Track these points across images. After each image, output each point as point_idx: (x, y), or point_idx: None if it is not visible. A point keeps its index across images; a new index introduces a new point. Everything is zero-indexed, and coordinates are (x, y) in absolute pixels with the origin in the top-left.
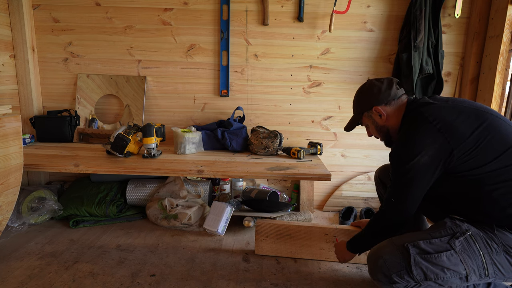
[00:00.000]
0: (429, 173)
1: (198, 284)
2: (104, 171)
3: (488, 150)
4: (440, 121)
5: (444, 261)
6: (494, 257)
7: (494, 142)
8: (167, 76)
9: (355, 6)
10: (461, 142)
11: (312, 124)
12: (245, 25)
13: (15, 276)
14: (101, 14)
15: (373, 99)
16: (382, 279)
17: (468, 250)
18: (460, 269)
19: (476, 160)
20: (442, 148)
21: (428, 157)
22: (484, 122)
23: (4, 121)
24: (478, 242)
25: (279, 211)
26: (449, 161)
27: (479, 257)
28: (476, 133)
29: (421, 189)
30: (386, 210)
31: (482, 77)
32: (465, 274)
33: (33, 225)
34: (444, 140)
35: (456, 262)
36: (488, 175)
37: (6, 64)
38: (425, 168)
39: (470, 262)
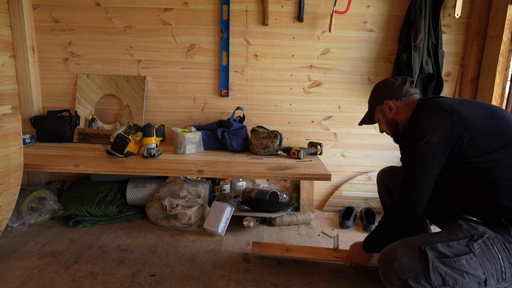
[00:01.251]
0: (439, 155)
1: (198, 284)
2: (104, 171)
3: (496, 138)
4: (451, 107)
5: (464, 265)
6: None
7: (503, 131)
8: (167, 76)
9: (355, 6)
10: (470, 126)
11: (312, 124)
12: (245, 25)
13: (15, 276)
14: (101, 14)
15: (385, 93)
16: (396, 283)
17: (487, 254)
18: (479, 273)
19: (484, 146)
20: (452, 130)
21: (437, 138)
22: (493, 112)
23: (4, 121)
24: (496, 245)
25: (279, 211)
26: (459, 144)
27: (498, 260)
28: (485, 120)
29: (431, 171)
30: (398, 199)
31: (482, 77)
32: (484, 279)
33: (33, 225)
34: (454, 123)
35: (476, 266)
36: (496, 164)
37: (6, 64)
38: (435, 149)
39: (490, 266)
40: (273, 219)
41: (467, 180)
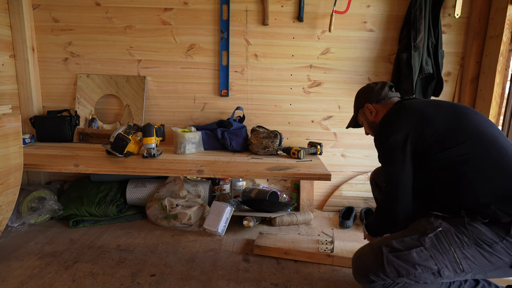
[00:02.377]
0: (406, 150)
1: (198, 284)
2: (104, 171)
3: (455, 135)
4: (415, 107)
5: (415, 257)
6: (465, 251)
7: (462, 129)
8: (167, 76)
9: (355, 6)
10: (431, 123)
11: (312, 124)
12: (245, 25)
13: (15, 276)
14: (101, 14)
15: (366, 97)
16: (362, 279)
17: (438, 246)
18: (431, 265)
19: (445, 143)
20: (414, 127)
21: (402, 135)
22: (457, 111)
23: (4, 121)
24: (448, 238)
25: (279, 211)
26: (421, 141)
27: (450, 252)
28: (446, 119)
29: (404, 167)
30: (383, 199)
31: (482, 77)
32: (436, 269)
33: (33, 225)
34: (416, 121)
35: (426, 258)
36: (456, 160)
37: (6, 64)
38: (402, 145)
39: (441, 257)
40: (273, 219)
41: (432, 176)
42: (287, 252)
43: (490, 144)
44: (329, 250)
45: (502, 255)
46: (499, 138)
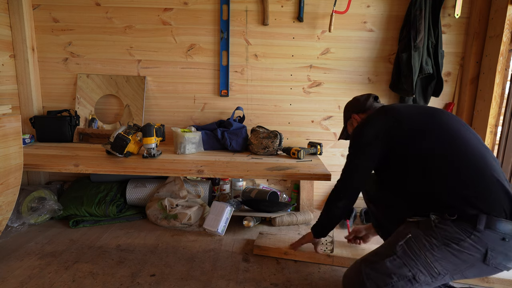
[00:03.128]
0: (375, 145)
1: (198, 284)
2: (104, 171)
3: (427, 132)
4: (392, 108)
5: (388, 266)
6: (436, 253)
7: (434, 126)
8: (167, 76)
9: (355, 6)
10: (405, 120)
11: (312, 124)
12: (245, 25)
13: (15, 276)
14: (101, 14)
15: (352, 109)
16: None
17: (409, 252)
18: (405, 272)
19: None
20: (388, 123)
21: (375, 130)
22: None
23: (4, 121)
24: (418, 243)
25: (279, 211)
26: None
27: (422, 256)
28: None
29: (367, 162)
30: (338, 180)
31: (482, 77)
32: (411, 276)
33: (33, 225)
34: (391, 118)
35: (400, 266)
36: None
37: (6, 64)
38: (371, 139)
39: (414, 263)
40: (273, 219)
41: (404, 174)
42: (287, 252)
43: (456, 141)
44: (329, 250)
45: (471, 251)
46: (466, 135)
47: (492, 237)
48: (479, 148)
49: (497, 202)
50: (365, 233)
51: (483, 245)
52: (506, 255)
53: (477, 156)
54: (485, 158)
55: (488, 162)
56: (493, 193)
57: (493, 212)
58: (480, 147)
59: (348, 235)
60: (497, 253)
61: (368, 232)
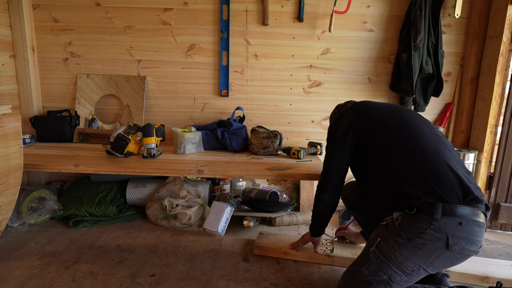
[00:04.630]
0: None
1: (198, 284)
2: (104, 171)
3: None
4: (362, 104)
5: (366, 273)
6: (404, 252)
7: (395, 121)
8: (167, 76)
9: (355, 6)
10: (371, 114)
11: (312, 124)
12: (245, 25)
13: (15, 276)
14: (101, 14)
15: (333, 115)
16: None
17: (381, 256)
18: (381, 276)
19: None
20: (357, 116)
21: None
22: (396, 109)
23: (4, 121)
24: (387, 245)
25: (279, 211)
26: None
27: (393, 257)
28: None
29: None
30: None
31: (482, 77)
32: (387, 278)
33: (33, 225)
34: (359, 112)
35: (375, 271)
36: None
37: (6, 64)
38: (343, 131)
39: (387, 266)
40: (273, 219)
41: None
42: (287, 252)
43: (413, 134)
44: (329, 251)
45: (433, 241)
46: (423, 129)
47: (449, 223)
48: (433, 139)
49: (450, 189)
50: (354, 239)
51: (443, 232)
52: (467, 239)
53: (430, 147)
54: (438, 148)
55: (441, 151)
56: (444, 179)
57: (448, 198)
58: (435, 138)
59: (337, 231)
60: (458, 238)
61: (356, 240)
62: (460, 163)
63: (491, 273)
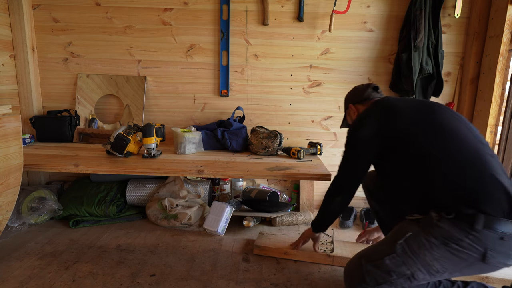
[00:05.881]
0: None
1: (198, 284)
2: (104, 171)
3: (424, 129)
4: (387, 103)
5: (388, 264)
6: (435, 252)
7: (431, 123)
8: (167, 76)
9: (355, 6)
10: (401, 117)
11: (312, 124)
12: (245, 25)
13: (15, 276)
14: (101, 14)
15: (350, 99)
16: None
17: (408, 251)
18: (403, 270)
19: (412, 136)
20: (383, 121)
21: (370, 127)
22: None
23: (4, 121)
24: (417, 241)
25: (279, 211)
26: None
27: (421, 255)
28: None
29: (359, 159)
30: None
31: (482, 77)
32: (410, 274)
33: (33, 225)
34: (386, 114)
35: (399, 264)
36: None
37: (6, 64)
38: (364, 139)
39: (412, 262)
40: (273, 219)
41: (401, 171)
42: (287, 252)
43: (452, 139)
44: (329, 250)
45: (470, 251)
46: (463, 133)
47: (490, 237)
48: (476, 145)
49: (495, 201)
50: (376, 236)
51: (482, 245)
52: (506, 254)
53: (473, 154)
54: (482, 155)
55: (485, 159)
56: (490, 192)
57: (491, 211)
58: (477, 144)
59: (360, 236)
60: (497, 253)
61: (379, 235)
62: (503, 170)
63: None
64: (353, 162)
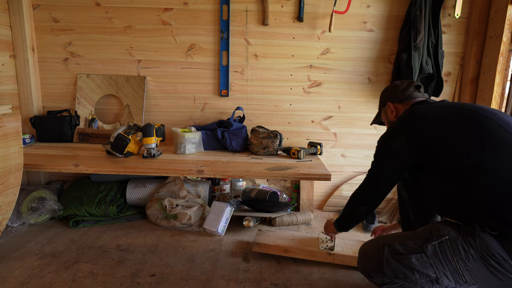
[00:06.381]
0: (401, 159)
1: (198, 284)
2: (104, 171)
3: (469, 142)
4: (424, 114)
5: (413, 262)
6: (469, 264)
7: (477, 135)
8: (167, 76)
9: (355, 6)
10: (431, 133)
11: (312, 124)
12: (245, 25)
13: (15, 276)
14: (101, 14)
15: (389, 96)
16: (363, 272)
17: (440, 255)
18: (429, 272)
19: (455, 149)
20: (413, 138)
21: (401, 141)
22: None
23: (4, 121)
24: (453, 248)
25: (279, 211)
26: (426, 146)
27: (453, 262)
28: (447, 127)
29: (389, 174)
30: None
31: (482, 77)
32: (435, 277)
33: (33, 225)
34: (415, 131)
35: (426, 266)
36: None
37: (6, 64)
38: (397, 153)
39: (441, 266)
40: (273, 219)
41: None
42: (287, 250)
43: (504, 152)
44: (329, 249)
45: (509, 272)
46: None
47: None
48: None
49: None
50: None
51: None
52: None
53: None
54: None
55: None
56: None
57: None
58: None
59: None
60: None
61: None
62: None
63: None
64: (381, 175)
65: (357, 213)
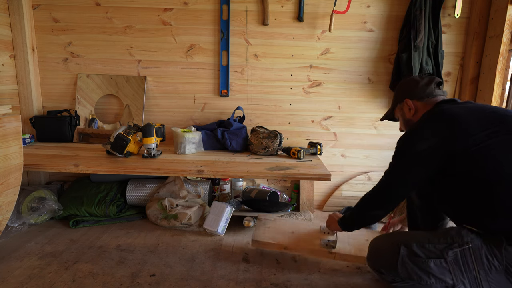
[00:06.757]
0: (425, 163)
1: (198, 284)
2: (104, 171)
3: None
4: (452, 116)
5: (432, 267)
6: (491, 275)
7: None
8: (167, 76)
9: (355, 6)
10: (467, 137)
11: (312, 124)
12: (245, 25)
13: (15, 276)
14: (101, 14)
15: (407, 92)
16: (373, 267)
17: (461, 263)
18: (446, 279)
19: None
20: (444, 141)
21: (426, 146)
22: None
23: (4, 121)
24: (476, 257)
25: (279, 211)
26: (453, 152)
27: (473, 271)
28: (486, 132)
29: (410, 179)
30: (372, 192)
31: (482, 77)
32: (451, 284)
33: (33, 225)
34: (448, 134)
35: (444, 272)
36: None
37: (6, 64)
38: (420, 158)
39: (461, 274)
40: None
41: (464, 189)
42: (287, 247)
43: None
44: (331, 245)
45: None
46: None
47: None
48: None
49: None
50: (400, 226)
51: None
52: None
53: None
54: None
55: None
56: None
57: None
58: None
59: (385, 229)
60: None
61: (403, 225)
62: None
63: None
64: (399, 181)
65: (368, 217)
